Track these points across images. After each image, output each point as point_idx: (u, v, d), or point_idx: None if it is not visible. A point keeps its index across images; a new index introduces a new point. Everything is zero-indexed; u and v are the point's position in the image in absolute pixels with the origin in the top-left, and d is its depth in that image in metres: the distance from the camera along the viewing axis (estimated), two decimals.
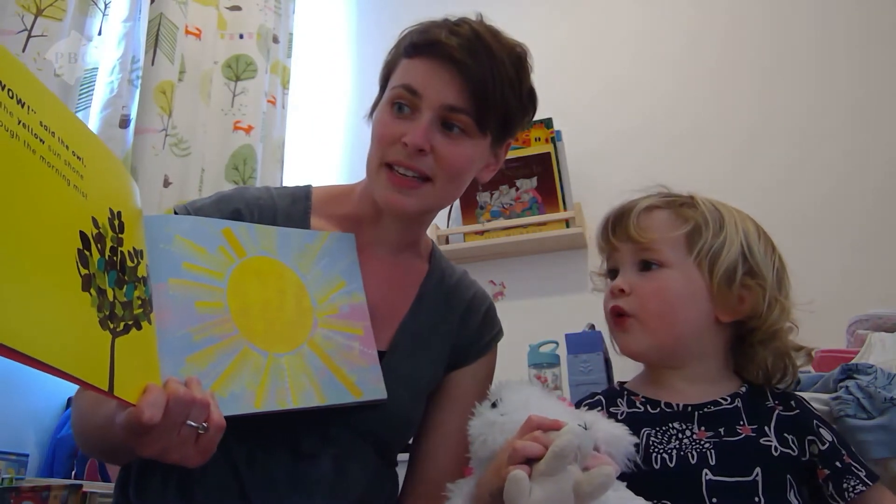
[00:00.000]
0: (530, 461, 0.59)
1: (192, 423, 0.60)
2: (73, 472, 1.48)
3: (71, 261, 0.54)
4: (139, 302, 0.65)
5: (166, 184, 1.66)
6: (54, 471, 1.49)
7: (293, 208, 0.91)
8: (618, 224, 0.80)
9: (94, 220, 0.60)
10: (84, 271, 0.56)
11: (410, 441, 0.95)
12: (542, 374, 1.30)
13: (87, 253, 0.57)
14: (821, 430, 0.72)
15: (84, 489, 1.27)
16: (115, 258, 0.62)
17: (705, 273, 0.75)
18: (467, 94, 0.80)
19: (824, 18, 1.98)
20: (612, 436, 0.67)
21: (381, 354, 0.86)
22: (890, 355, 0.98)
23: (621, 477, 0.67)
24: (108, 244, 0.61)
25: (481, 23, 0.85)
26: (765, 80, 1.99)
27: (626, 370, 0.88)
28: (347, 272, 0.86)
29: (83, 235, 0.57)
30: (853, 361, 0.96)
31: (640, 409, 0.77)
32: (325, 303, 0.82)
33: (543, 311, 1.92)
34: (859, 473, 0.70)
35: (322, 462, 0.80)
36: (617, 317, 0.78)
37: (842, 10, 1.97)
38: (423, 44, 0.82)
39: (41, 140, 0.54)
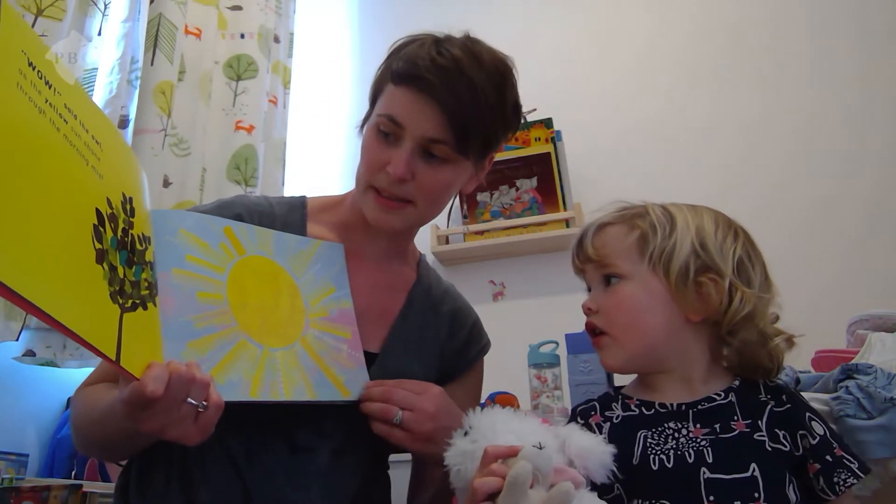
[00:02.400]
0: (493, 495, 0.60)
1: (193, 401, 0.62)
2: (73, 472, 1.48)
3: (87, 234, 0.57)
4: (146, 284, 0.68)
5: (166, 184, 1.66)
6: (54, 471, 1.49)
7: (291, 216, 0.94)
8: (579, 247, 0.82)
9: (109, 201, 0.63)
10: (98, 246, 0.59)
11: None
12: (542, 375, 1.30)
13: (102, 229, 0.60)
14: (813, 423, 0.72)
15: (84, 489, 1.27)
16: (126, 239, 0.65)
17: (661, 277, 0.75)
18: (447, 127, 0.82)
19: (823, 22, 1.98)
20: (584, 448, 0.67)
21: (373, 356, 0.89)
22: (890, 355, 0.98)
23: (602, 487, 0.67)
24: (121, 225, 0.65)
25: (465, 45, 0.86)
26: (764, 82, 1.99)
27: None
28: (336, 279, 0.89)
29: (98, 212, 0.60)
30: (853, 361, 0.96)
31: (634, 411, 0.77)
32: (316, 305, 0.86)
33: (543, 311, 1.92)
34: (851, 466, 0.69)
35: (318, 455, 0.82)
36: (593, 335, 0.80)
37: (840, 15, 1.97)
38: (407, 74, 0.83)
39: (65, 120, 0.58)
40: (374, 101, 0.91)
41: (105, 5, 1.59)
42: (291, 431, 0.82)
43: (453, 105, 0.82)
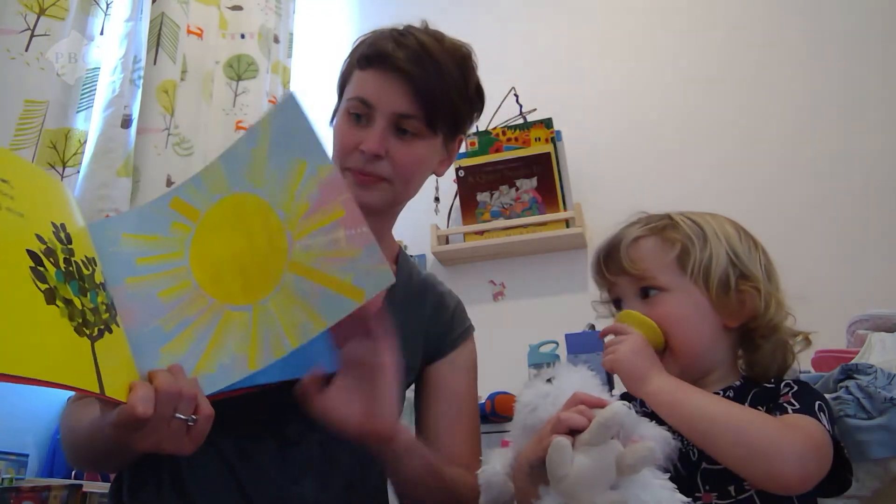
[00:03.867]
0: (574, 433, 0.60)
1: (181, 416, 0.63)
2: (73, 472, 1.48)
3: (26, 279, 0.55)
4: (104, 307, 0.65)
5: (169, 184, 1.66)
6: (54, 471, 1.49)
7: None
8: (609, 260, 0.83)
9: (39, 237, 0.60)
10: (44, 286, 0.57)
11: None
12: None
13: (42, 269, 0.58)
14: (784, 387, 0.73)
15: (84, 489, 1.28)
16: (70, 268, 0.63)
17: (702, 288, 0.77)
18: (416, 101, 0.86)
19: (816, 23, 2.00)
20: (659, 434, 0.68)
21: None
22: (890, 355, 0.98)
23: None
24: (61, 256, 0.62)
25: (426, 31, 0.91)
26: (760, 82, 2.00)
27: None
28: (303, 147, 0.73)
29: (31, 253, 0.58)
30: (853, 361, 0.96)
31: (648, 408, 0.78)
32: (292, 205, 0.73)
33: (543, 311, 1.92)
34: (788, 408, 0.69)
35: (308, 447, 0.83)
36: None
37: (833, 16, 1.98)
38: (373, 56, 0.87)
39: None
40: (341, 92, 0.94)
41: (107, 4, 1.59)
42: (280, 425, 0.82)
43: (421, 80, 0.85)
